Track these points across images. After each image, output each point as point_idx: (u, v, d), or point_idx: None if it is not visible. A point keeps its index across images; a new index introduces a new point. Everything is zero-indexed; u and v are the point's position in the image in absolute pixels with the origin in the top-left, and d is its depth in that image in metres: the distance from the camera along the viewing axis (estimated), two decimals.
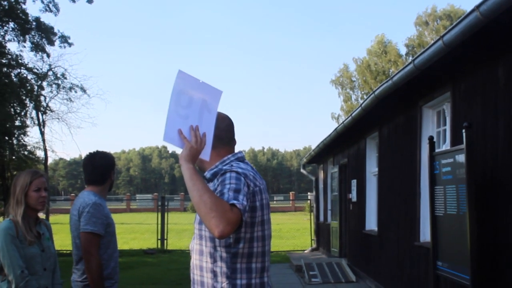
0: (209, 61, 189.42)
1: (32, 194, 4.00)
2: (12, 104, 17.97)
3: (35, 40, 19.84)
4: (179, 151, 2.60)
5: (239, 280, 2.60)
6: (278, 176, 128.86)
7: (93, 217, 4.09)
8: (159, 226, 20.98)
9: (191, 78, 2.64)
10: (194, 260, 2.70)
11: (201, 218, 2.35)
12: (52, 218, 36.03)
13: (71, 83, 24.21)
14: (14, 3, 17.66)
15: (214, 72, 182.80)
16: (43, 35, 19.83)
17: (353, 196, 13.05)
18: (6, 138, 16.49)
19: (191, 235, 3.22)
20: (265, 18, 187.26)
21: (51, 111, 24.99)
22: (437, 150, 6.58)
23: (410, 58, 38.09)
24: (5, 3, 17.36)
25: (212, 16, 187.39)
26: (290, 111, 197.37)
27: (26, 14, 18.46)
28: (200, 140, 2.59)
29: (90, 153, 4.47)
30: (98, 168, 4.34)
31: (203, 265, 2.63)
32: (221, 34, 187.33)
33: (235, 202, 2.38)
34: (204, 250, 2.64)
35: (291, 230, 30.45)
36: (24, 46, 20.00)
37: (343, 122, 11.85)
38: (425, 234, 7.69)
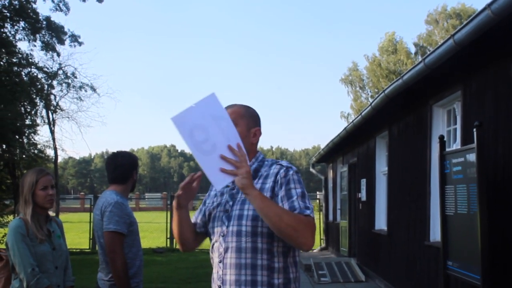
0: (219, 60, 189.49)
1: (39, 192, 4.00)
2: (22, 103, 18.05)
3: (45, 39, 19.91)
4: (188, 150, 2.53)
5: (291, 274, 2.61)
6: None
7: (116, 216, 4.08)
8: (168, 225, 21.04)
9: (185, 113, 2.47)
10: (240, 259, 2.56)
11: (284, 237, 2.44)
12: (62, 216, 36.13)
13: (81, 82, 24.32)
14: (25, 2, 17.71)
15: (225, 71, 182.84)
16: (53, 34, 19.90)
17: (363, 195, 13.02)
18: (17, 136, 16.55)
19: None
20: (275, 16, 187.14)
21: (61, 110, 25.11)
22: (447, 149, 6.55)
23: (419, 57, 37.95)
24: (16, 2, 17.43)
25: (223, 16, 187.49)
26: (299, 110, 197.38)
27: (37, 14, 18.53)
28: (243, 158, 2.47)
29: (113, 153, 4.51)
30: (121, 168, 4.34)
31: (257, 263, 2.54)
32: (231, 34, 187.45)
33: (309, 212, 2.48)
34: (258, 247, 2.55)
35: None
36: (35, 45, 20.10)
37: (352, 121, 11.83)
38: (435, 234, 7.66)
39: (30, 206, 3.97)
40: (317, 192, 31.59)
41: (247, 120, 2.71)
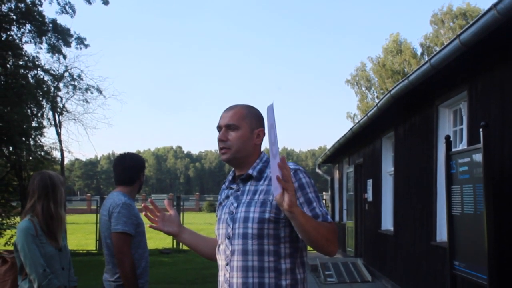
0: (224, 61, 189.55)
1: None
2: (29, 106, 18.07)
3: (51, 42, 19.92)
4: (194, 151, 2.49)
5: (298, 275, 2.60)
6: None
7: (124, 217, 4.10)
8: None
9: (271, 108, 2.30)
10: (247, 262, 2.54)
11: (316, 248, 2.45)
12: (68, 218, 36.19)
13: (87, 84, 24.31)
14: (31, 5, 17.75)
15: (229, 72, 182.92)
16: (59, 36, 19.91)
17: (369, 195, 13.01)
18: (23, 139, 16.59)
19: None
20: (280, 18, 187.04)
21: (68, 112, 25.12)
22: (453, 150, 6.54)
23: (426, 57, 37.86)
24: (22, 5, 17.46)
25: (228, 19, 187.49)
26: (305, 111, 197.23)
27: (43, 16, 18.55)
28: (290, 175, 2.27)
29: (120, 154, 4.51)
30: (128, 169, 4.35)
31: (264, 265, 2.52)
32: (236, 34, 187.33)
33: (330, 219, 2.52)
34: (265, 249, 2.53)
35: None
36: (41, 48, 20.08)
37: (358, 121, 11.83)
38: (442, 234, 7.66)
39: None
40: (323, 193, 31.54)
41: (250, 121, 2.69)
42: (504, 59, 5.77)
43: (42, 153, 18.52)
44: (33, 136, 17.77)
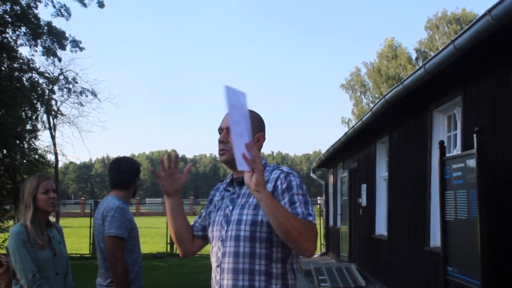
0: (223, 62, 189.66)
1: (41, 196, 4.02)
2: (23, 108, 18.04)
3: (46, 45, 19.91)
4: (189, 155, 2.49)
5: (290, 281, 2.59)
6: None
7: (117, 221, 4.08)
8: (169, 230, 20.98)
9: (231, 89, 2.39)
10: (238, 264, 2.55)
11: (288, 240, 2.40)
12: (62, 221, 36.14)
13: (82, 87, 24.34)
14: (26, 7, 17.74)
15: (226, 75, 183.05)
16: (54, 39, 19.90)
17: (363, 200, 13.02)
18: (17, 142, 16.55)
19: None
20: (274, 24, 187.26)
21: (62, 115, 25.13)
22: (447, 155, 6.55)
23: (420, 62, 38.00)
24: (17, 8, 17.44)
25: (223, 23, 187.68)
26: (300, 115, 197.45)
27: (38, 19, 18.54)
28: (259, 156, 2.40)
29: (116, 158, 4.53)
30: (123, 173, 4.35)
31: (255, 268, 2.52)
32: (232, 40, 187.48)
33: (311, 219, 2.47)
34: (257, 252, 2.53)
35: None
36: (36, 51, 20.10)
37: (353, 126, 11.84)
38: (435, 239, 7.66)
39: (30, 210, 3.97)
40: (318, 197, 31.56)
41: (251, 125, 2.69)
42: (498, 65, 5.79)
43: (36, 156, 18.47)
44: (27, 139, 17.73)
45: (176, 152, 2.50)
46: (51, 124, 24.24)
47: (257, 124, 2.74)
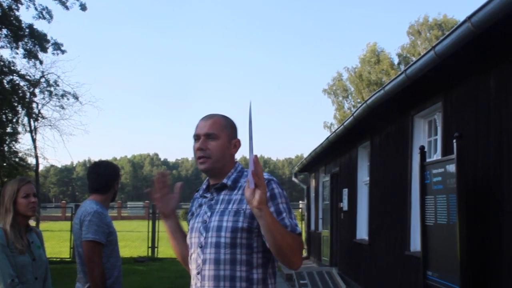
0: (205, 68, 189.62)
1: (21, 200, 3.98)
2: (4, 111, 17.91)
3: (28, 47, 19.80)
4: (171, 158, 2.46)
5: (270, 285, 2.60)
6: None
7: (95, 226, 4.06)
8: (150, 234, 20.96)
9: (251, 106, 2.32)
10: (219, 271, 2.52)
11: (279, 255, 2.42)
12: (43, 225, 35.83)
13: (64, 90, 24.18)
14: (7, 10, 17.63)
15: (208, 80, 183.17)
16: (36, 42, 19.79)
17: (344, 205, 13.06)
18: None
19: None
20: (256, 29, 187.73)
21: (43, 118, 24.93)
22: (428, 160, 6.60)
23: (403, 67, 38.27)
24: None
25: (207, 28, 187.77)
26: (282, 119, 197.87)
27: (20, 21, 18.44)
28: (262, 174, 2.34)
29: (95, 162, 4.50)
30: (102, 177, 4.33)
31: (236, 275, 2.51)
32: (215, 44, 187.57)
33: (299, 231, 2.50)
34: (237, 258, 2.52)
35: None
36: (17, 53, 19.97)
37: (335, 131, 11.89)
38: (416, 244, 7.70)
39: (10, 214, 3.93)
40: (300, 202, 31.61)
41: (228, 132, 2.69)
42: (479, 71, 5.84)
43: (17, 159, 18.35)
44: (7, 142, 17.60)
45: (166, 170, 2.48)
46: (32, 127, 24.02)
47: (233, 131, 2.74)
